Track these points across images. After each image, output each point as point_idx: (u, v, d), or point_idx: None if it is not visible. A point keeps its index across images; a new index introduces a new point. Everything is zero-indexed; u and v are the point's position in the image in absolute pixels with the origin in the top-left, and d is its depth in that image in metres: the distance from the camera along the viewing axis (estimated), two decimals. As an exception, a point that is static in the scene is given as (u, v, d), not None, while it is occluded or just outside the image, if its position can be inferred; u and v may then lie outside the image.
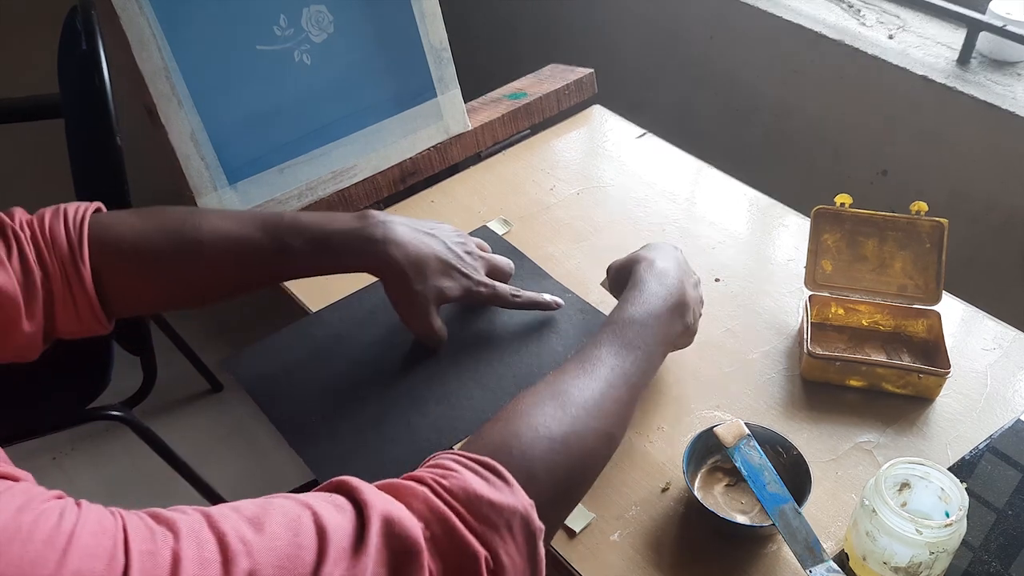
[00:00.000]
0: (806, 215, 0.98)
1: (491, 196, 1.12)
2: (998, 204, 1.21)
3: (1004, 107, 1.15)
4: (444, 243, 0.86)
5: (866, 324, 0.92)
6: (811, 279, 0.92)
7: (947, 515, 0.67)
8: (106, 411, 1.31)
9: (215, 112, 0.98)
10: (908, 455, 0.73)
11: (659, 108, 1.65)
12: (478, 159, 1.19)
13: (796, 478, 0.75)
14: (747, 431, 0.75)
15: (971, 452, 0.81)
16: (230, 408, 1.86)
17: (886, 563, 0.67)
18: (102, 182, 1.14)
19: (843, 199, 0.91)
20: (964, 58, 1.23)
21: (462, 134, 1.16)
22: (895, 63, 1.24)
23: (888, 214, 0.90)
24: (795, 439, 0.78)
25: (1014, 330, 0.93)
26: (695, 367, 0.89)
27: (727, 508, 0.77)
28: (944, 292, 0.90)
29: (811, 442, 0.82)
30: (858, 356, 0.88)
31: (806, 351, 0.86)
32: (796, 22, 1.34)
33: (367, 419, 0.84)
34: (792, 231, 1.06)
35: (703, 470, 0.80)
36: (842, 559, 0.71)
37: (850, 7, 1.37)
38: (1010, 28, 1.16)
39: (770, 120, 1.46)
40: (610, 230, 1.07)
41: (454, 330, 0.91)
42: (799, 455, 0.76)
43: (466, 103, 1.17)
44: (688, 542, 0.75)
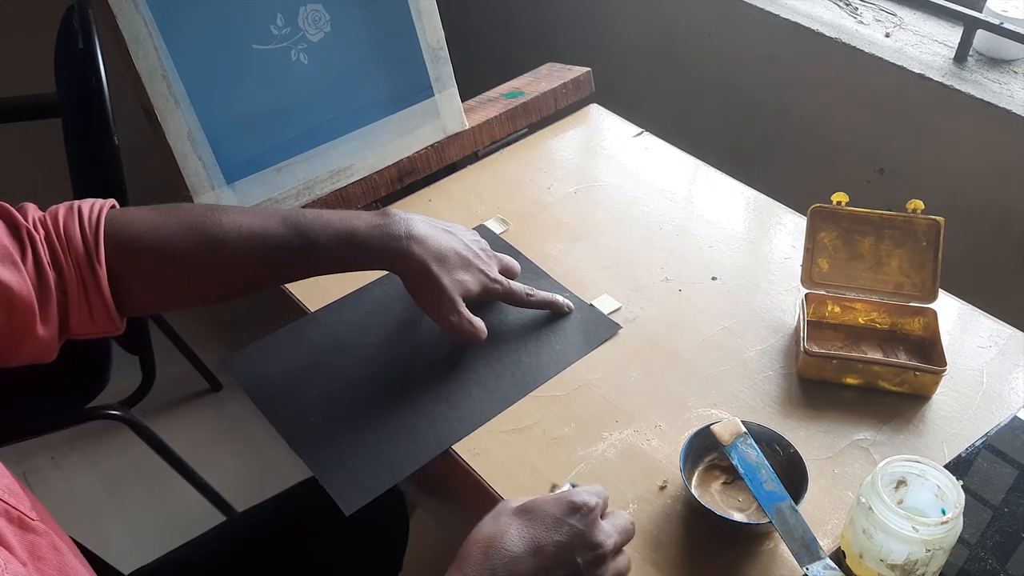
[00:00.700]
0: (803, 213, 0.99)
1: (488, 195, 1.12)
2: (994, 202, 1.21)
3: (1001, 105, 1.15)
4: (461, 240, 0.86)
5: (862, 322, 0.93)
6: (808, 277, 0.92)
7: (943, 512, 0.67)
8: (105, 410, 1.31)
9: (212, 111, 0.98)
10: (904, 453, 0.73)
11: (656, 107, 1.65)
12: (475, 158, 1.19)
13: (793, 476, 0.75)
14: (744, 429, 0.76)
15: (967, 449, 0.81)
16: (229, 407, 1.86)
17: (882, 560, 0.67)
18: (99, 181, 1.14)
19: (839, 197, 0.91)
20: (961, 56, 1.23)
21: (459, 133, 1.16)
22: (892, 61, 1.24)
23: (884, 212, 0.90)
24: (792, 437, 0.78)
25: (1010, 328, 0.93)
26: (692, 365, 0.90)
27: (724, 506, 0.77)
28: (940, 290, 0.90)
29: (808, 440, 0.82)
30: (854, 354, 0.88)
31: (803, 349, 0.86)
32: (793, 20, 1.34)
33: (365, 419, 0.84)
34: (789, 229, 1.06)
35: (700, 468, 0.80)
36: (839, 556, 0.72)
37: (847, 5, 1.37)
38: (1007, 26, 1.16)
39: (767, 119, 1.47)
40: (607, 229, 1.07)
41: None
42: (796, 453, 0.76)
43: (463, 102, 1.17)
44: (685, 540, 0.75)
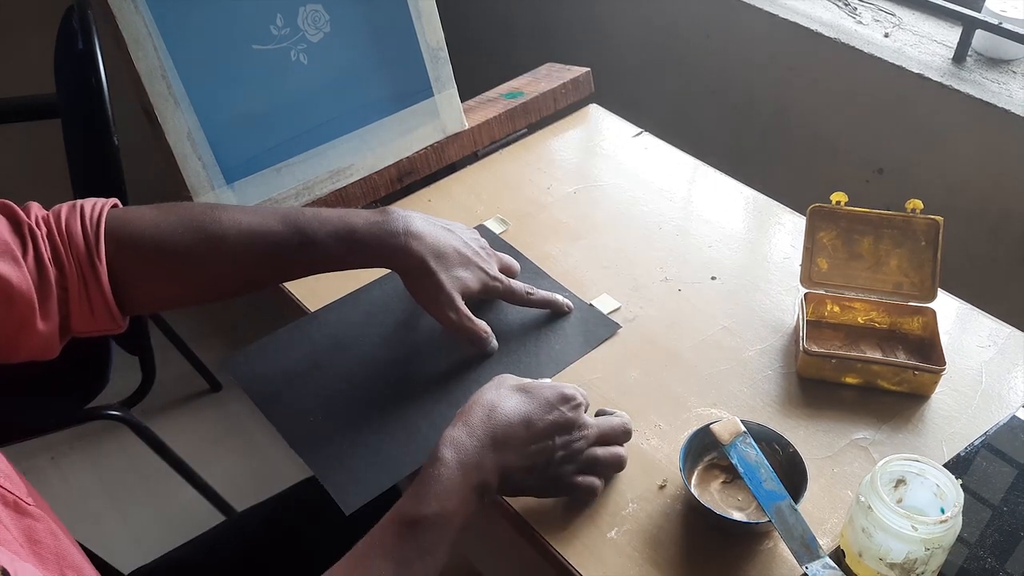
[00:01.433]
0: (802, 213, 0.99)
1: (488, 195, 1.13)
2: (993, 201, 1.22)
3: (1000, 105, 1.15)
4: (460, 237, 0.86)
5: (862, 321, 0.93)
6: (807, 277, 0.92)
7: (942, 511, 0.67)
8: (105, 411, 1.31)
9: (212, 111, 0.98)
10: (904, 452, 0.73)
11: (655, 107, 1.65)
12: (475, 158, 1.19)
13: (792, 475, 0.75)
14: (743, 428, 0.76)
15: (966, 449, 0.81)
16: (228, 408, 1.86)
17: (882, 559, 0.67)
18: (99, 182, 1.14)
19: (839, 197, 0.91)
20: (960, 56, 1.23)
21: (459, 133, 1.16)
22: (891, 61, 1.24)
23: (884, 212, 0.90)
24: (791, 436, 0.78)
25: (1009, 327, 0.93)
26: (692, 365, 0.90)
27: (724, 505, 0.77)
28: (939, 289, 0.90)
29: (807, 439, 0.82)
30: (854, 353, 0.88)
31: (802, 348, 0.86)
32: (792, 20, 1.34)
33: (366, 418, 0.84)
34: (788, 229, 1.06)
35: (700, 467, 0.80)
36: (838, 555, 0.72)
37: (846, 5, 1.37)
38: (1006, 26, 1.16)
39: (766, 118, 1.47)
40: (607, 229, 1.07)
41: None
42: (795, 452, 0.76)
43: (463, 102, 1.17)
44: (685, 539, 0.75)
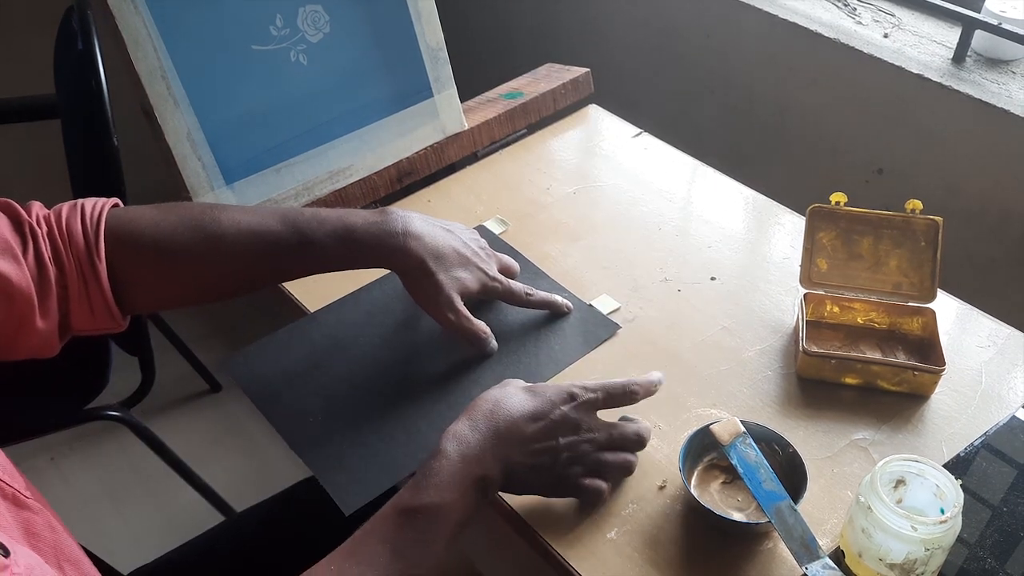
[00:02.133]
0: (801, 214, 0.99)
1: (488, 196, 1.13)
2: (993, 202, 1.22)
3: (999, 105, 1.15)
4: (460, 238, 0.86)
5: (861, 322, 0.93)
6: (806, 277, 0.92)
7: (942, 512, 0.67)
8: (104, 411, 1.31)
9: (211, 112, 0.98)
10: (903, 452, 0.73)
11: (655, 107, 1.65)
12: (475, 159, 1.19)
13: (792, 475, 0.75)
14: (743, 429, 0.76)
15: (966, 449, 0.81)
16: (228, 408, 1.86)
17: (882, 560, 0.67)
18: (99, 182, 1.14)
19: (838, 197, 0.91)
20: (959, 56, 1.23)
21: (459, 134, 1.16)
22: (890, 61, 1.24)
23: (883, 212, 0.91)
24: (791, 436, 0.78)
25: (1009, 327, 0.93)
26: (691, 365, 0.90)
27: (723, 505, 0.77)
28: (939, 290, 0.90)
29: (807, 439, 0.82)
30: (853, 354, 0.89)
31: (802, 349, 0.86)
32: (792, 21, 1.34)
33: (366, 418, 0.84)
34: (788, 229, 1.06)
35: (699, 468, 0.80)
36: (838, 556, 0.72)
37: (845, 5, 1.37)
38: (1005, 26, 1.16)
39: (766, 119, 1.47)
40: (606, 229, 1.07)
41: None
42: (795, 452, 0.76)
43: (462, 103, 1.17)
44: (685, 540, 0.75)
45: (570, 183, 1.14)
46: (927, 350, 0.88)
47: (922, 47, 1.28)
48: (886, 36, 1.30)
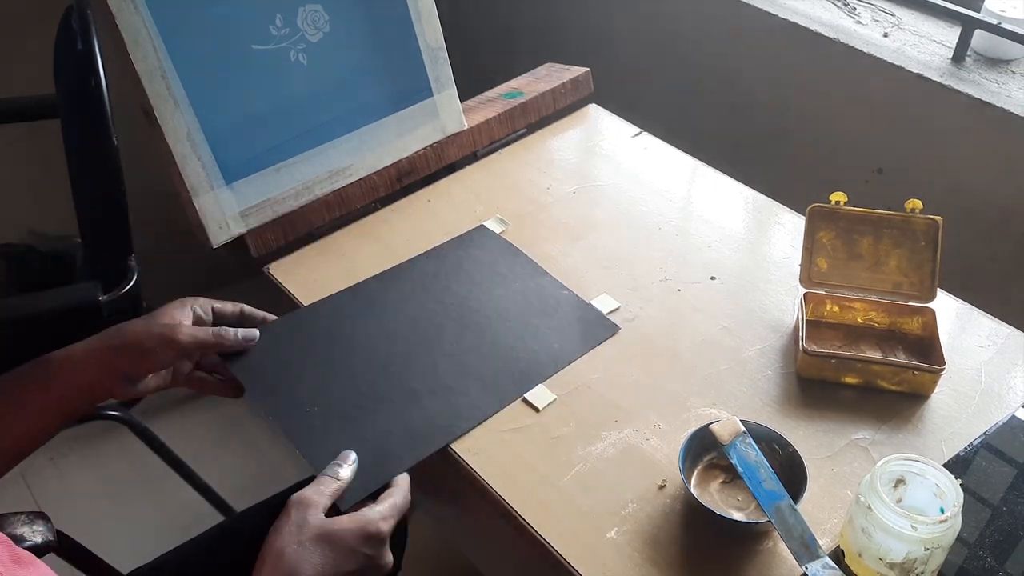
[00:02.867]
0: (801, 213, 0.99)
1: (488, 195, 1.13)
2: (993, 201, 1.22)
3: (999, 105, 1.15)
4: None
5: (861, 321, 0.93)
6: (806, 277, 0.92)
7: (942, 511, 0.67)
8: (104, 411, 1.31)
9: (211, 112, 0.98)
10: (903, 452, 0.73)
11: (655, 107, 1.65)
12: (474, 158, 1.19)
13: (792, 475, 0.75)
14: (743, 428, 0.76)
15: (966, 448, 0.81)
16: (228, 408, 1.86)
17: (881, 559, 0.67)
18: (99, 182, 1.14)
19: (838, 197, 0.91)
20: (959, 56, 1.23)
21: (458, 133, 1.16)
22: (890, 61, 1.24)
23: (883, 212, 0.91)
24: (791, 436, 0.78)
25: (1008, 327, 0.93)
26: (691, 365, 0.90)
27: (723, 505, 0.77)
28: (939, 289, 0.91)
29: (807, 439, 0.82)
30: (853, 353, 0.89)
31: (801, 348, 0.86)
32: (792, 20, 1.34)
33: (362, 412, 0.84)
34: (787, 229, 1.06)
35: (699, 467, 0.80)
36: (838, 555, 0.72)
37: (845, 5, 1.37)
38: (1005, 26, 1.16)
39: (765, 118, 1.47)
40: (606, 229, 1.07)
41: (450, 323, 0.93)
42: (795, 452, 0.76)
43: (462, 102, 1.17)
44: (685, 539, 0.75)
45: (570, 183, 1.14)
46: (927, 350, 0.88)
47: (922, 47, 1.28)
48: (886, 36, 1.30)
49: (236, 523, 1.07)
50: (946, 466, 0.76)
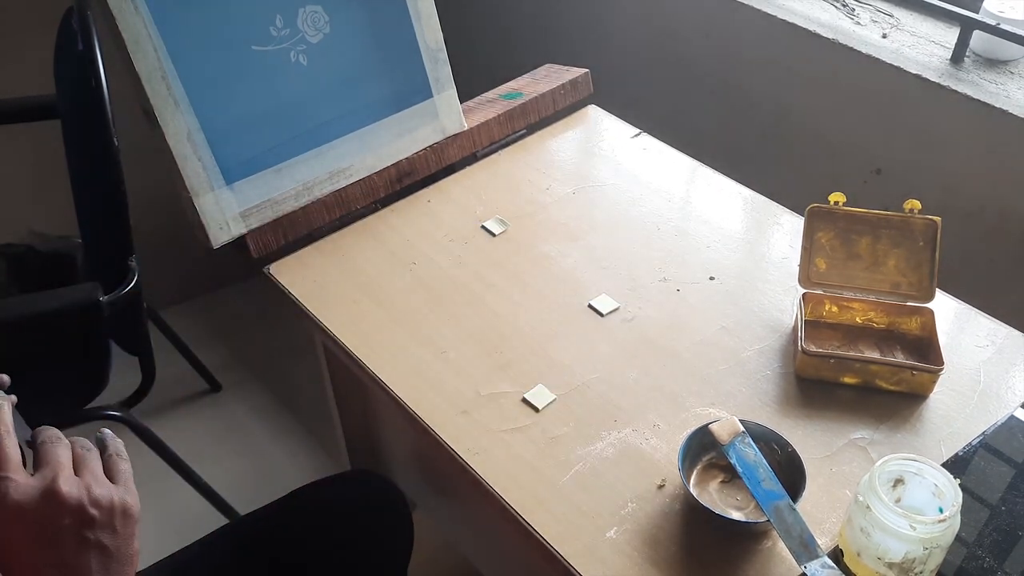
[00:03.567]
0: (800, 214, 0.99)
1: (487, 196, 1.13)
2: (991, 202, 1.22)
3: (997, 105, 1.15)
4: None
5: (860, 322, 0.93)
6: (805, 277, 0.93)
7: (941, 511, 0.67)
8: (105, 411, 1.31)
9: (212, 112, 0.98)
10: (902, 451, 0.74)
11: (654, 108, 1.65)
12: (474, 159, 1.20)
13: (791, 475, 0.75)
14: (742, 428, 0.76)
15: (964, 448, 0.81)
16: (229, 408, 1.86)
17: (880, 559, 0.68)
18: (99, 183, 1.14)
19: (837, 197, 0.92)
20: (958, 57, 1.24)
21: (458, 134, 1.17)
22: (889, 62, 1.25)
23: (882, 212, 0.91)
24: (790, 436, 0.78)
25: (1007, 327, 0.93)
26: (690, 364, 0.90)
27: (722, 504, 0.77)
28: (937, 290, 0.91)
29: (805, 439, 0.82)
30: (852, 353, 0.89)
31: (800, 348, 0.86)
32: (790, 21, 1.34)
33: None
34: (786, 229, 1.06)
35: (699, 467, 0.80)
36: (837, 555, 0.72)
37: (844, 6, 1.38)
38: (1003, 27, 1.17)
39: (764, 119, 1.47)
40: (605, 229, 1.07)
41: None
42: (794, 452, 0.77)
43: (462, 103, 1.18)
44: (684, 538, 0.75)
45: (569, 183, 1.14)
46: (925, 350, 0.88)
47: (920, 47, 1.28)
48: (884, 36, 1.30)
49: (239, 526, 1.07)
50: (945, 466, 0.77)
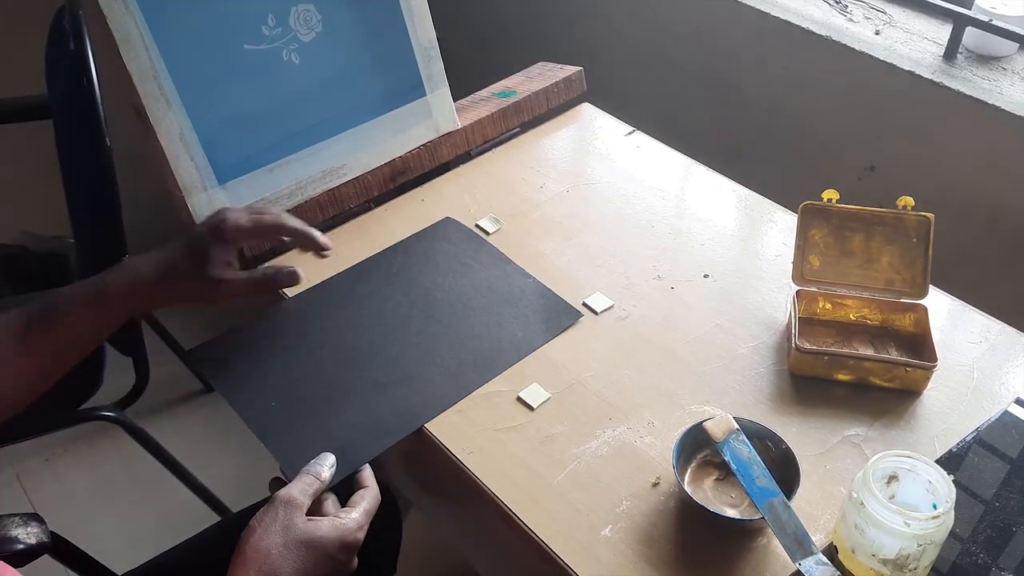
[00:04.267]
0: (794, 211, 0.99)
1: (481, 194, 1.13)
2: (984, 198, 1.22)
3: (990, 102, 1.15)
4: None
5: (853, 318, 0.93)
6: (799, 274, 0.93)
7: (935, 507, 0.67)
8: (99, 412, 1.31)
9: (204, 112, 0.98)
10: (896, 448, 0.74)
11: (648, 105, 1.65)
12: (468, 158, 1.19)
13: (785, 472, 0.75)
14: (736, 426, 0.76)
15: (958, 444, 0.82)
16: (223, 408, 1.85)
17: (874, 555, 0.68)
18: (92, 183, 1.14)
19: (830, 194, 0.92)
20: (950, 53, 1.24)
21: (452, 133, 1.16)
22: (882, 59, 1.25)
23: (875, 209, 0.91)
24: (784, 433, 0.78)
25: (1000, 323, 0.93)
26: (684, 362, 0.90)
27: (717, 502, 0.77)
28: (931, 286, 0.91)
29: (800, 436, 0.82)
30: (846, 350, 0.89)
31: (794, 346, 0.86)
32: (784, 18, 1.34)
33: (328, 404, 0.85)
34: (780, 227, 1.06)
35: (693, 464, 0.80)
36: (831, 552, 0.72)
37: (837, 3, 1.38)
38: (996, 23, 1.17)
39: (758, 116, 1.47)
40: (600, 227, 1.07)
41: (415, 315, 0.94)
42: (788, 449, 0.77)
43: (455, 101, 1.17)
44: (678, 536, 0.75)
45: (563, 181, 1.14)
46: (919, 346, 0.88)
47: (913, 44, 1.28)
48: (877, 33, 1.31)
49: (231, 524, 1.07)
50: (939, 462, 0.77)
